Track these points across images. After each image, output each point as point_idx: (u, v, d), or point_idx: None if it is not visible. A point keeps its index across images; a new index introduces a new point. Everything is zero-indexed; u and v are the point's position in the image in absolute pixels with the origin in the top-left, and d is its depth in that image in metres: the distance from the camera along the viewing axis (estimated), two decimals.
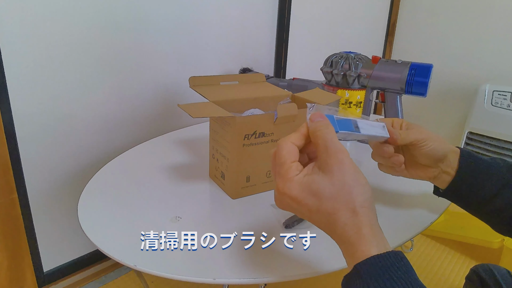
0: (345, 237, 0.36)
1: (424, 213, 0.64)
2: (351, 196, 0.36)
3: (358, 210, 0.36)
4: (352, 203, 0.36)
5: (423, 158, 0.54)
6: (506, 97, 1.35)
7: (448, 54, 1.72)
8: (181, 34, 1.05)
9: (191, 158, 0.84)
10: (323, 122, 0.40)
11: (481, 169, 0.53)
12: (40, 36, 0.80)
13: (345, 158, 0.37)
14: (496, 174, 0.52)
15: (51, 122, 0.87)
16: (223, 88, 0.77)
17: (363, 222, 0.36)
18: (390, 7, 1.83)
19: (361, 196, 0.37)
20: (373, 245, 0.35)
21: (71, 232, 0.98)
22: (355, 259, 0.35)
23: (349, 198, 0.36)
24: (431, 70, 0.87)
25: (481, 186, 0.52)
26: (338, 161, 0.37)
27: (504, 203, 0.51)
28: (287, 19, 1.32)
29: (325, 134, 0.39)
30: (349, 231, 0.36)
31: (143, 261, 0.50)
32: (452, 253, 1.28)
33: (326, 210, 0.37)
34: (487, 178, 0.52)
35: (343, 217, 0.36)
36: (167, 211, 0.63)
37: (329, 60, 0.99)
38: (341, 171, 0.37)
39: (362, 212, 0.36)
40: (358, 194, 0.37)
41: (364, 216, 0.36)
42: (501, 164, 0.53)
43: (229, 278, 0.49)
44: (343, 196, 0.36)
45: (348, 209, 0.36)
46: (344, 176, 0.37)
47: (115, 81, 0.95)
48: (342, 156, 0.37)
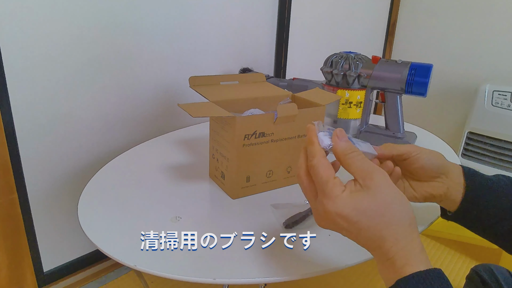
0: (395, 251, 0.36)
1: (424, 213, 0.64)
2: (400, 211, 0.37)
3: (408, 226, 0.37)
4: (403, 218, 0.37)
5: (422, 171, 0.51)
6: (506, 97, 1.35)
7: (448, 54, 1.72)
8: (181, 34, 1.05)
9: (191, 158, 0.84)
10: (350, 143, 0.41)
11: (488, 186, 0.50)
12: (40, 36, 0.80)
13: (387, 176, 0.39)
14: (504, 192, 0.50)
15: (51, 122, 0.87)
16: (223, 88, 0.77)
17: (412, 237, 0.37)
18: (390, 7, 1.83)
19: (408, 211, 0.38)
20: (423, 262, 0.36)
21: (71, 232, 0.98)
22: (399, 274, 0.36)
23: (399, 213, 0.37)
24: (431, 70, 0.87)
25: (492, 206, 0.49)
26: (383, 178, 0.38)
27: None
28: (287, 19, 1.32)
29: (358, 155, 0.40)
30: (400, 245, 0.36)
31: (143, 261, 0.50)
32: (452, 253, 1.28)
33: (378, 226, 0.37)
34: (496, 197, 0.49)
35: (394, 232, 0.37)
36: (167, 211, 0.63)
37: (329, 60, 0.99)
38: (387, 187, 0.38)
39: (411, 228, 0.37)
40: (405, 210, 0.38)
41: (413, 232, 0.37)
42: (506, 182, 0.51)
43: (229, 278, 0.49)
44: (393, 211, 0.37)
45: (402, 224, 0.37)
46: (391, 192, 0.38)
47: (115, 81, 0.95)
48: (384, 174, 0.39)
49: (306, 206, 0.64)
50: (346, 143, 0.41)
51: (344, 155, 0.40)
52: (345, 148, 0.41)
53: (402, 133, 0.95)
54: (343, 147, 0.41)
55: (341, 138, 0.41)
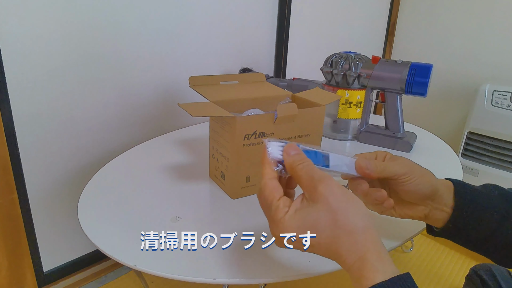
0: (350, 264, 0.35)
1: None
2: (348, 220, 0.35)
3: (359, 235, 0.35)
4: (352, 228, 0.35)
5: (408, 195, 0.47)
6: (506, 97, 1.35)
7: (448, 54, 1.72)
8: (181, 34, 1.05)
9: (191, 158, 0.84)
10: (300, 155, 0.40)
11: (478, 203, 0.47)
12: (40, 36, 0.80)
13: (333, 184, 0.36)
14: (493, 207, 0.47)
15: (51, 122, 0.87)
16: (223, 88, 0.77)
17: (366, 247, 0.35)
18: (390, 7, 1.83)
19: (360, 219, 0.36)
20: (379, 271, 0.34)
21: (71, 232, 0.98)
22: (361, 286, 0.34)
23: (347, 222, 0.35)
24: (431, 70, 0.87)
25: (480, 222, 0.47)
26: (327, 187, 0.36)
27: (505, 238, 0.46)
28: (287, 19, 1.32)
29: (305, 166, 0.38)
30: (353, 257, 0.35)
31: (143, 261, 0.50)
32: (452, 253, 1.28)
33: (327, 240, 0.36)
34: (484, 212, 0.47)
35: (346, 244, 0.35)
36: (167, 211, 0.63)
37: (329, 60, 0.99)
38: (333, 196, 0.36)
39: (364, 237, 0.35)
40: (356, 218, 0.35)
41: (367, 240, 0.35)
42: (495, 193, 0.48)
43: (229, 278, 0.49)
44: (340, 222, 0.35)
45: (349, 234, 0.35)
46: (337, 201, 0.35)
47: (115, 81, 0.95)
48: (329, 182, 0.36)
49: None
50: (294, 156, 0.39)
51: (291, 168, 0.39)
52: (292, 161, 0.39)
53: (402, 133, 0.95)
54: (290, 161, 0.39)
55: (290, 152, 0.40)
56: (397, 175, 0.46)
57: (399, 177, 0.46)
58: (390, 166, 0.46)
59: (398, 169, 0.46)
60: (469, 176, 1.45)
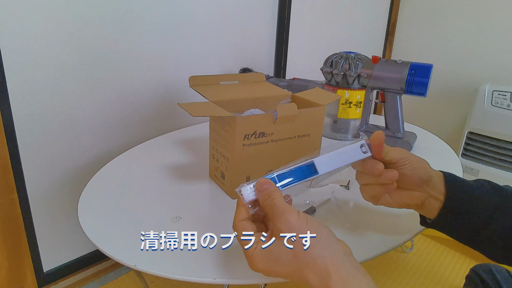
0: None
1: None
2: (307, 253, 0.36)
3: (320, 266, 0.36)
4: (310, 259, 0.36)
5: (406, 180, 0.49)
6: (506, 97, 1.35)
7: (448, 54, 1.72)
8: (181, 34, 1.05)
9: (191, 158, 0.84)
10: (268, 190, 0.40)
11: (469, 193, 0.49)
12: (40, 36, 0.80)
13: (292, 217, 0.37)
14: (485, 199, 0.48)
15: (51, 122, 0.87)
16: (223, 88, 0.77)
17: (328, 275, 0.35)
18: (390, 7, 1.83)
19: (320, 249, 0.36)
20: None
21: (71, 232, 0.98)
22: None
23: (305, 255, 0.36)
24: (431, 70, 0.87)
25: (472, 213, 0.48)
26: (285, 223, 0.37)
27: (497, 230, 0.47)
28: (287, 19, 1.32)
29: (270, 201, 0.39)
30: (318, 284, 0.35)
31: (143, 261, 0.50)
32: (452, 253, 1.28)
33: (292, 273, 0.37)
34: (476, 204, 0.48)
35: (310, 274, 0.36)
36: (167, 211, 0.63)
37: (329, 60, 0.99)
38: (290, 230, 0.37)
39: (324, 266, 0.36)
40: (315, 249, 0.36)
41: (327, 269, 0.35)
42: (488, 187, 0.50)
43: (229, 278, 0.49)
44: (299, 255, 0.36)
45: (309, 265, 0.36)
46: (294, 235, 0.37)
47: (115, 81, 0.95)
48: (288, 216, 0.38)
49: (307, 206, 0.64)
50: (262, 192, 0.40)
51: (262, 205, 0.41)
52: (261, 198, 0.40)
53: (402, 133, 0.95)
54: (260, 198, 0.41)
55: (261, 188, 0.41)
56: (395, 159, 0.48)
57: (397, 161, 0.48)
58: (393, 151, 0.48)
59: (397, 153, 0.48)
60: (469, 176, 1.45)
